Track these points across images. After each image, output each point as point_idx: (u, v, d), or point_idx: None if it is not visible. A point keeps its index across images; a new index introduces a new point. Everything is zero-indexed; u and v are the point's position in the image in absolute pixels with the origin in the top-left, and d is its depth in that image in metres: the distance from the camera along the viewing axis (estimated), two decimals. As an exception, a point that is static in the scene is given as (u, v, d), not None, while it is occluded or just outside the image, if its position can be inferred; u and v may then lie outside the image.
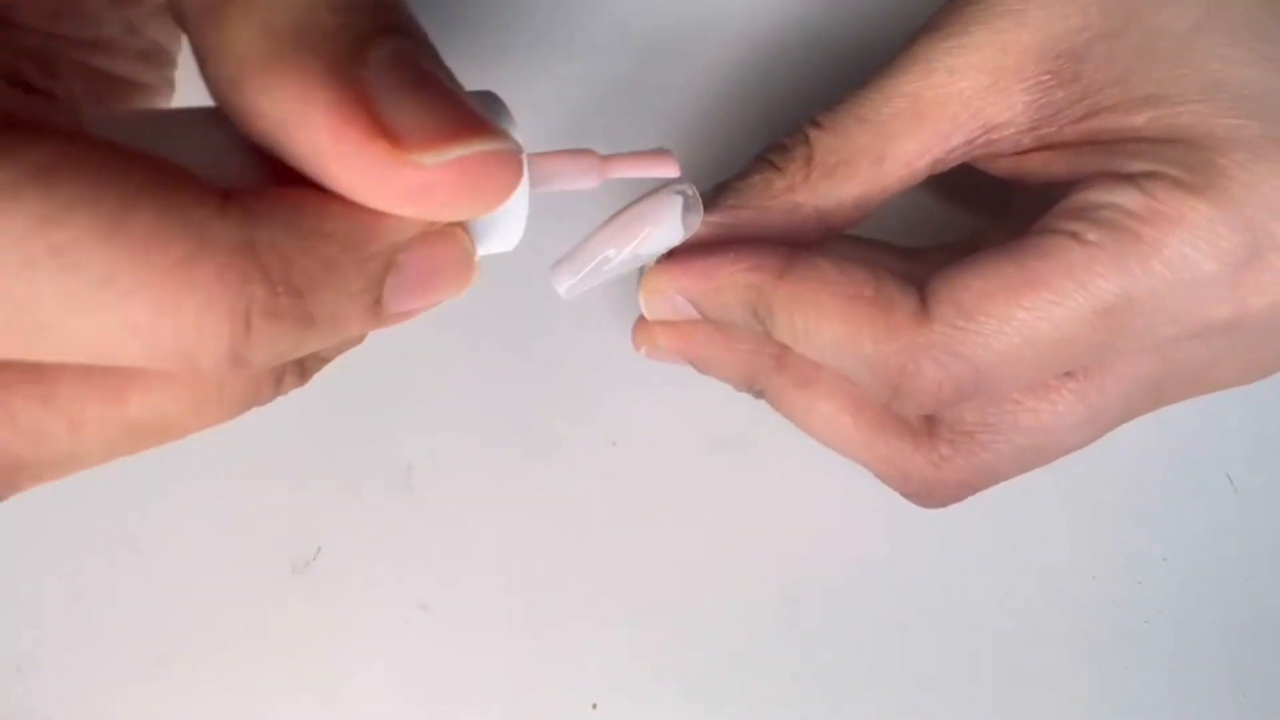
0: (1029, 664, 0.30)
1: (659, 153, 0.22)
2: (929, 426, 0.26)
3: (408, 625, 0.29)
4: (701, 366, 0.27)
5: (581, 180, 0.20)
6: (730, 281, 0.24)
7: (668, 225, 0.23)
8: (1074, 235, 0.22)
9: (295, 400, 0.29)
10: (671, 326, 0.26)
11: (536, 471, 0.30)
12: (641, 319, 0.27)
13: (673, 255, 0.25)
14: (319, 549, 0.29)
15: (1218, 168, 0.21)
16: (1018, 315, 0.22)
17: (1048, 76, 0.24)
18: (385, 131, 0.14)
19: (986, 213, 0.31)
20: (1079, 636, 0.31)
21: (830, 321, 0.23)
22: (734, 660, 0.30)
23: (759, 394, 0.27)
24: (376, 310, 0.16)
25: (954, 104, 0.24)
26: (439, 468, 0.30)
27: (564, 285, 0.24)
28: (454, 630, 0.29)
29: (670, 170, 0.22)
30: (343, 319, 0.16)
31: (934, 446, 0.26)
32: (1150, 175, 0.22)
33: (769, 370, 0.26)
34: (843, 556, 0.30)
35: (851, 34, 0.31)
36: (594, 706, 0.29)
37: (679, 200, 0.23)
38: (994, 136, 0.25)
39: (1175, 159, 0.22)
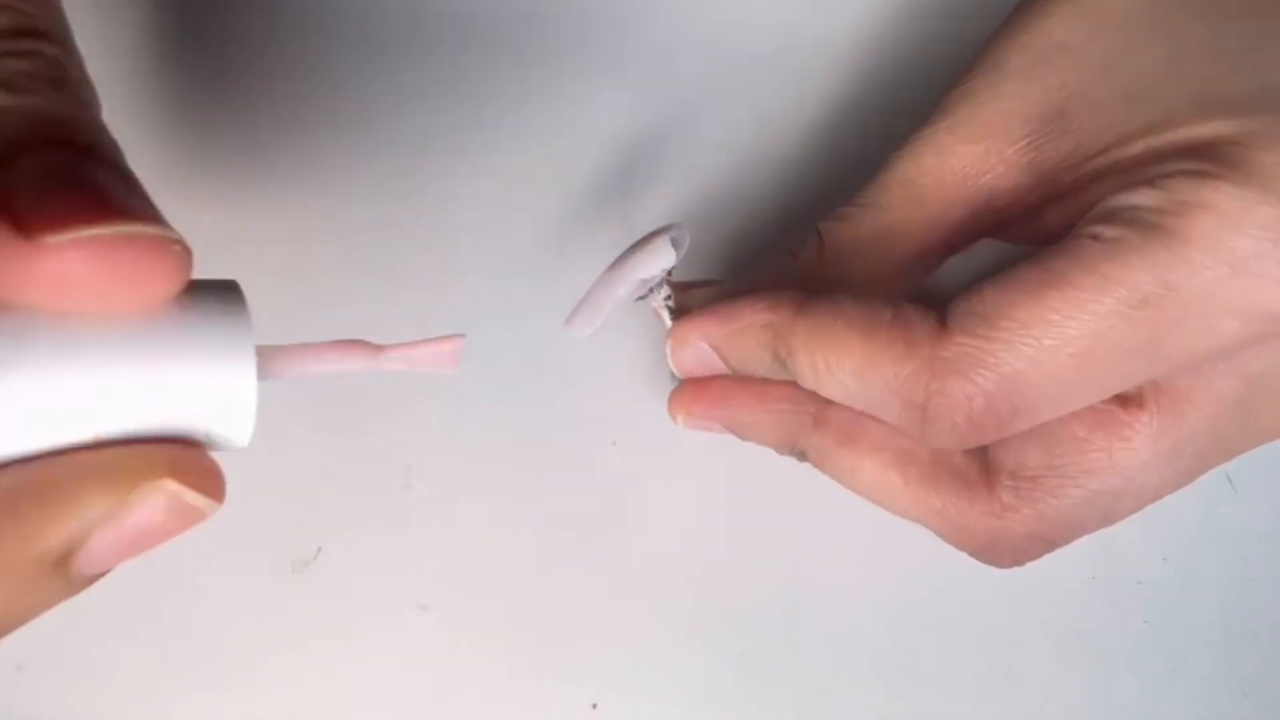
0: (1029, 664, 0.30)
1: (446, 341, 0.20)
2: (987, 475, 0.25)
3: (408, 625, 0.29)
4: (740, 431, 0.27)
5: (344, 369, 0.19)
6: (750, 322, 0.24)
7: (660, 251, 0.25)
8: (1094, 236, 0.21)
9: (295, 401, 0.29)
10: (705, 391, 0.26)
11: (537, 471, 0.30)
12: (676, 389, 0.27)
13: (696, 310, 0.26)
14: (319, 549, 0.29)
15: (1233, 154, 0.21)
16: (1043, 317, 0.21)
17: (1036, 136, 0.24)
18: (13, 217, 0.14)
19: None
20: (1079, 636, 0.31)
21: (849, 351, 0.22)
22: (734, 660, 0.30)
23: (801, 456, 0.26)
24: (72, 592, 0.16)
25: (949, 180, 0.25)
26: (439, 468, 0.30)
27: (576, 324, 0.26)
28: (454, 630, 0.29)
29: (450, 365, 0.20)
30: (25, 620, 0.16)
31: (994, 495, 0.24)
32: (1166, 175, 0.21)
33: (807, 429, 0.26)
34: (843, 557, 0.30)
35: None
36: (594, 706, 0.29)
37: (666, 234, 0.25)
38: (999, 203, 0.25)
39: (1189, 159, 0.21)
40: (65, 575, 0.16)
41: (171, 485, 0.16)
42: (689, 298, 0.26)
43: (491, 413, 0.30)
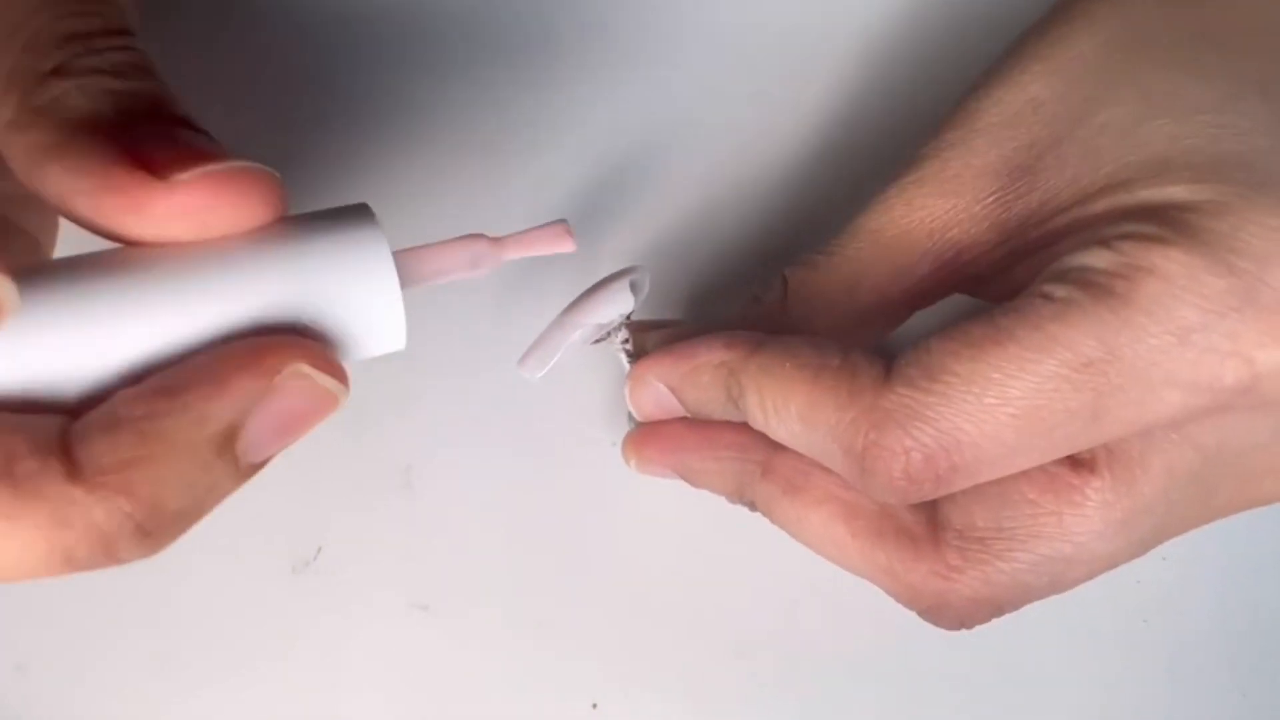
0: (1028, 664, 0.30)
1: (554, 226, 0.22)
2: (934, 533, 0.24)
3: (408, 625, 0.29)
4: (690, 478, 0.27)
5: (472, 269, 0.21)
6: (705, 360, 0.24)
7: (619, 296, 0.25)
8: (1044, 295, 0.21)
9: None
10: (657, 435, 0.26)
11: (536, 471, 0.30)
12: (629, 434, 0.27)
13: (654, 351, 0.26)
14: (319, 549, 0.29)
15: (1186, 220, 0.20)
16: (984, 374, 0.21)
17: (1004, 192, 0.24)
18: (144, 162, 0.17)
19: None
20: (1079, 636, 0.31)
21: (795, 394, 0.22)
22: (734, 660, 0.30)
23: (751, 506, 0.26)
24: (240, 479, 0.18)
25: (917, 233, 0.25)
26: (439, 468, 0.30)
27: (528, 365, 0.26)
28: (454, 630, 0.29)
29: (566, 245, 0.22)
30: (205, 507, 0.18)
31: (940, 554, 0.24)
32: (1121, 236, 0.21)
33: (755, 478, 0.25)
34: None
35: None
36: (594, 706, 0.29)
37: (626, 278, 0.25)
38: (965, 258, 0.25)
39: (1143, 221, 0.21)
40: (233, 459, 0.18)
41: (306, 368, 0.18)
42: (647, 339, 0.26)
43: (491, 413, 0.30)
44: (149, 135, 0.18)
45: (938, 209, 0.25)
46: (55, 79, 0.18)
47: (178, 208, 0.17)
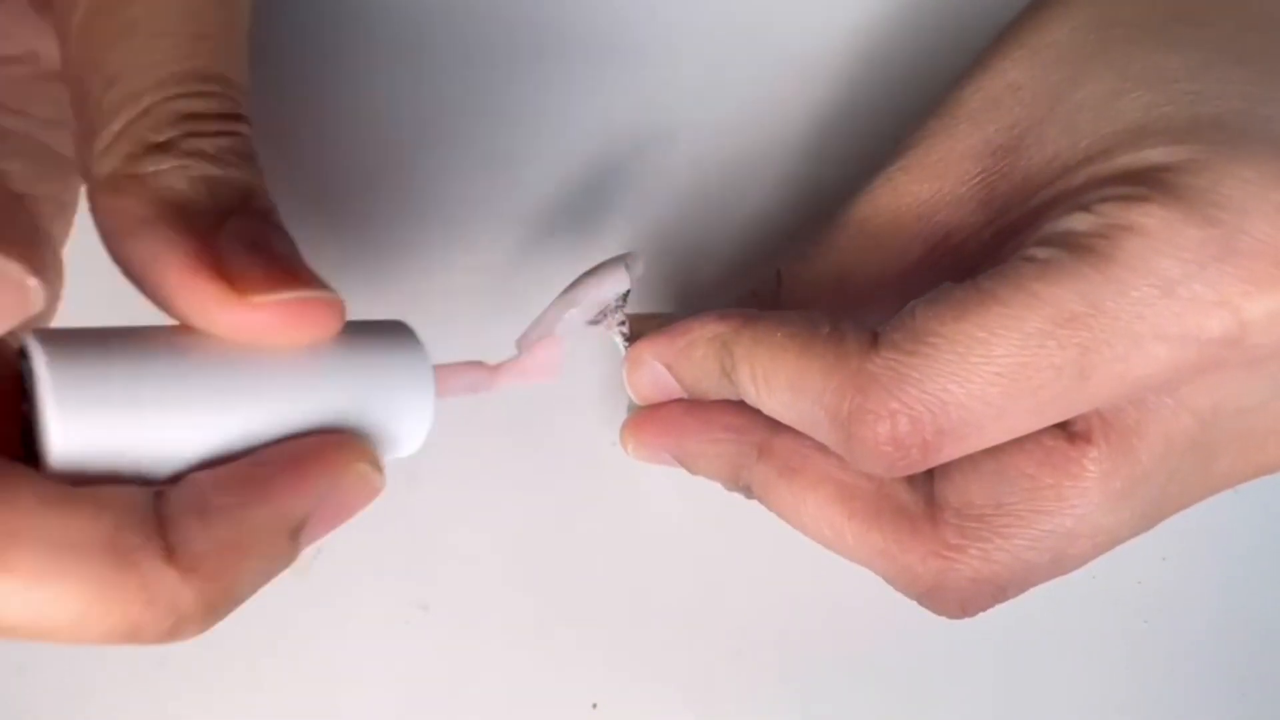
0: (1029, 663, 0.30)
1: (545, 357, 0.24)
2: (931, 511, 0.24)
3: (408, 625, 0.29)
4: (687, 462, 0.26)
5: (474, 388, 0.23)
6: (699, 335, 0.24)
7: (614, 276, 0.25)
8: (1027, 258, 0.21)
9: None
10: (654, 418, 0.26)
11: (537, 472, 0.30)
12: (627, 419, 0.27)
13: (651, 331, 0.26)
14: (319, 549, 0.29)
15: (1165, 179, 0.21)
16: (968, 333, 0.21)
17: (987, 174, 0.25)
18: (226, 274, 0.18)
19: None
20: (1079, 636, 0.31)
21: (784, 363, 0.23)
22: (734, 660, 0.30)
23: (748, 492, 0.26)
24: (290, 564, 0.19)
25: (905, 219, 0.25)
26: (439, 468, 0.30)
27: (526, 343, 0.26)
28: (454, 630, 0.29)
29: (554, 375, 0.24)
30: (257, 590, 0.19)
31: (938, 534, 0.23)
32: (1101, 200, 0.21)
33: (752, 459, 0.25)
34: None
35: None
36: (594, 706, 0.29)
37: (622, 260, 0.26)
38: (954, 240, 0.25)
39: (1122, 185, 0.21)
40: (294, 545, 0.19)
41: (367, 466, 0.20)
42: (644, 325, 0.27)
43: (492, 413, 0.30)
44: (236, 241, 0.18)
45: (924, 193, 0.25)
46: (161, 153, 0.19)
47: (248, 323, 0.18)
